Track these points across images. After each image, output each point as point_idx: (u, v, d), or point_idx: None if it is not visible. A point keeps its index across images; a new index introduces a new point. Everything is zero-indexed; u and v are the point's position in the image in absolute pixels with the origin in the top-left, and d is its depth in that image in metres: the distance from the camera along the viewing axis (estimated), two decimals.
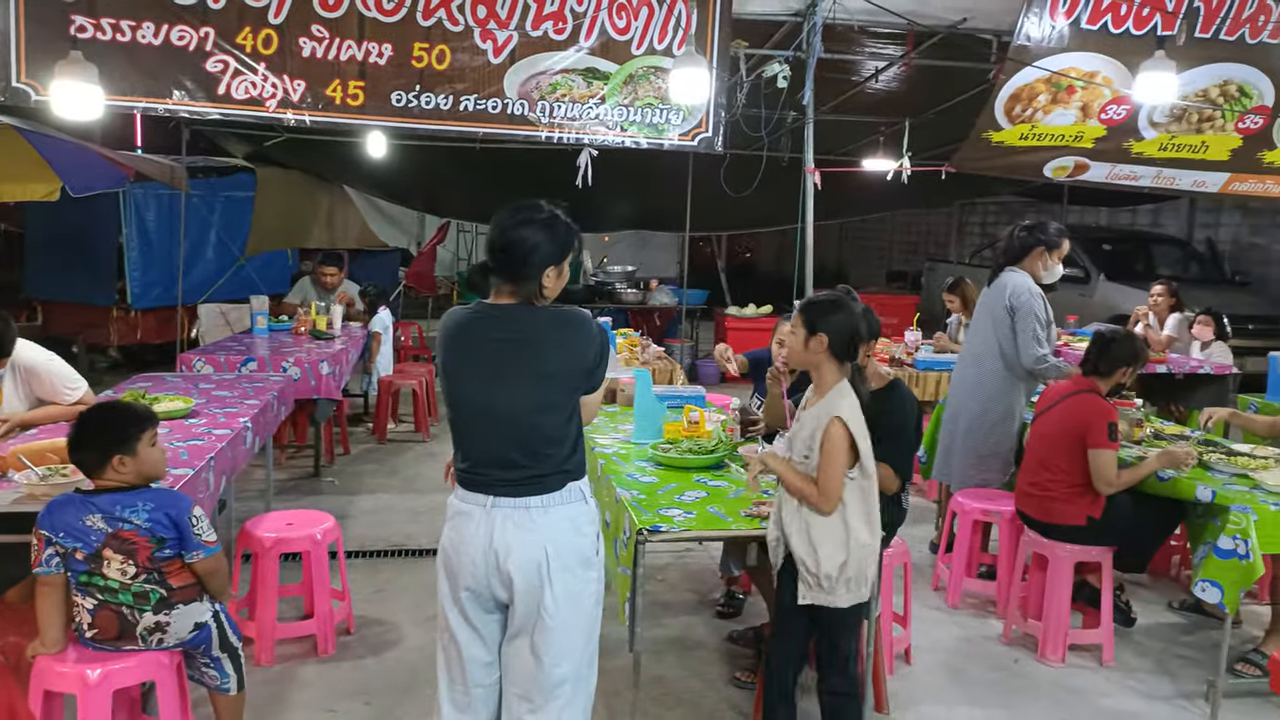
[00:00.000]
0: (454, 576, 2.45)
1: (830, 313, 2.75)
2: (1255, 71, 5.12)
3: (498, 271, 2.41)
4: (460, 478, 2.46)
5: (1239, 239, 11.96)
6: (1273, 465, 3.81)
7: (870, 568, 2.74)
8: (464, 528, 2.41)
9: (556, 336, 2.39)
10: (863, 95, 7.11)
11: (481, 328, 2.41)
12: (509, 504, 2.37)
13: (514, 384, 2.36)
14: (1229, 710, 3.50)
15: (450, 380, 2.44)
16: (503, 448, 2.37)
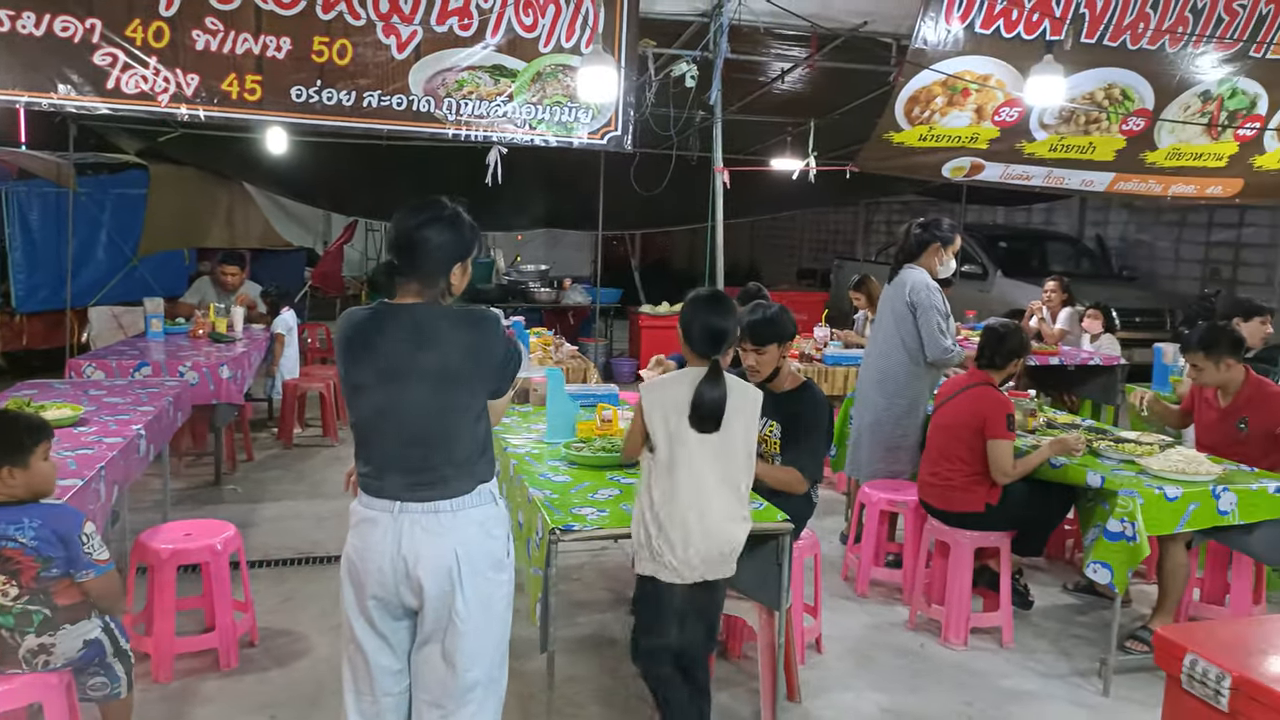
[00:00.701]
0: (359, 585, 2.39)
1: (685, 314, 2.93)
2: (1137, 76, 5.39)
3: (404, 271, 2.36)
4: (364, 484, 2.41)
5: (1126, 236, 12.56)
6: (1157, 451, 4.01)
7: (651, 540, 2.79)
8: (370, 535, 2.36)
9: (463, 336, 2.35)
10: (769, 96, 7.22)
11: (385, 328, 2.34)
12: (417, 509, 2.33)
13: (420, 385, 2.31)
14: (1120, 685, 3.68)
15: (353, 383, 2.37)
16: (410, 451, 2.33)
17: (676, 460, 2.78)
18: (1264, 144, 5.89)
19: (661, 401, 2.81)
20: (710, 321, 2.85)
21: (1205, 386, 4.31)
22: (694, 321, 2.86)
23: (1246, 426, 4.15)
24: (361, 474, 2.41)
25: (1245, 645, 2.17)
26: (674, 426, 2.78)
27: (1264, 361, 6.79)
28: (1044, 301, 7.92)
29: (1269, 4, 5.16)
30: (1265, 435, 4.10)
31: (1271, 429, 4.08)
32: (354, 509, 2.44)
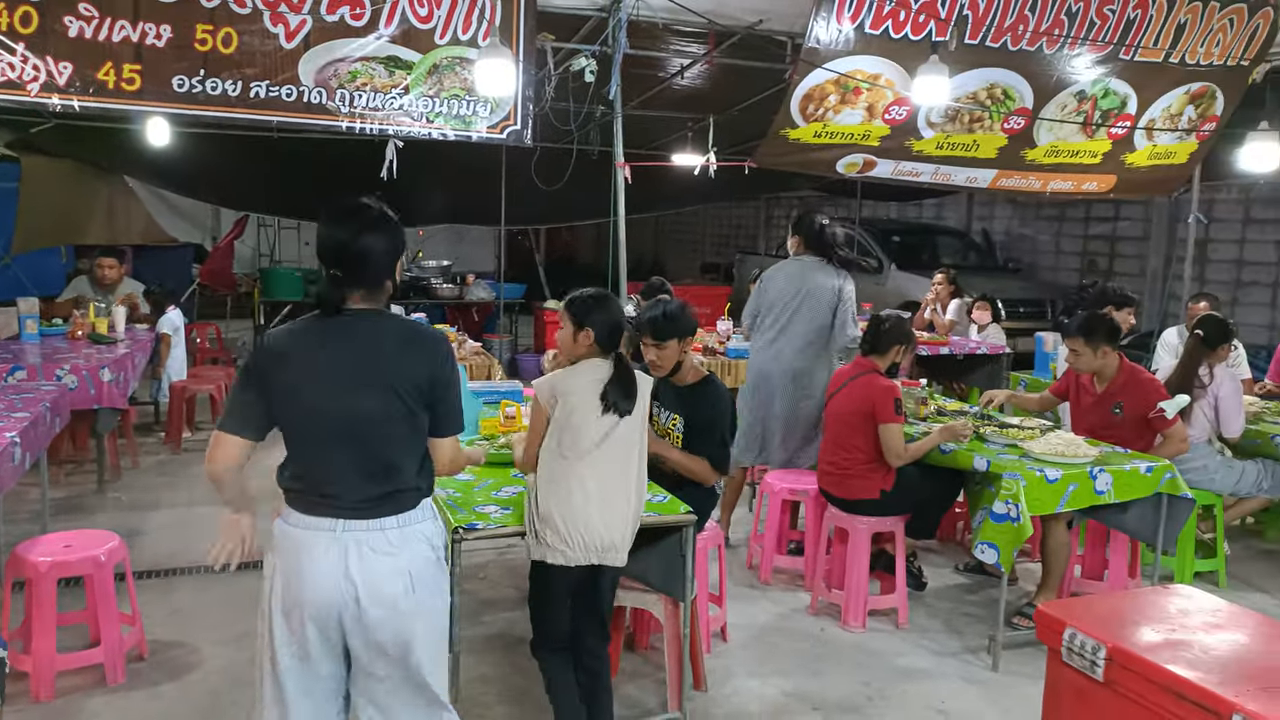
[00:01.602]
0: (293, 612, 2.22)
1: (594, 309, 2.89)
2: (1017, 76, 5.63)
3: (350, 282, 2.23)
4: (298, 501, 2.25)
5: (1010, 230, 13.12)
6: (1038, 435, 4.21)
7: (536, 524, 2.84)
8: (307, 556, 2.20)
9: (411, 347, 2.27)
10: (669, 91, 7.27)
11: (331, 336, 2.23)
12: (361, 527, 2.20)
13: (370, 392, 2.20)
14: (1009, 660, 3.85)
15: (292, 395, 2.22)
16: (356, 463, 2.21)
17: (575, 447, 2.80)
18: (1134, 142, 6.24)
19: (562, 390, 2.83)
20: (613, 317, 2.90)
21: (1082, 372, 4.54)
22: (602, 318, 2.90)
23: (1121, 411, 4.39)
24: (293, 489, 2.26)
25: (1119, 618, 2.30)
26: (571, 415, 2.80)
27: (1138, 349, 7.22)
28: (934, 295, 8.22)
29: (1136, 9, 5.46)
30: (1138, 419, 4.35)
31: (1144, 413, 4.33)
32: (281, 529, 2.27)
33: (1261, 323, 9.65)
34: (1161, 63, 5.71)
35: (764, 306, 4.96)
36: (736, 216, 18.56)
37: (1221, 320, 4.91)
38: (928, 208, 14.17)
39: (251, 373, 2.26)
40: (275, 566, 2.27)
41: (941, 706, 3.54)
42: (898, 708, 3.53)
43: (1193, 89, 5.99)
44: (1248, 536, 5.47)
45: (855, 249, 11.63)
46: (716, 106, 7.40)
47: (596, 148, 7.47)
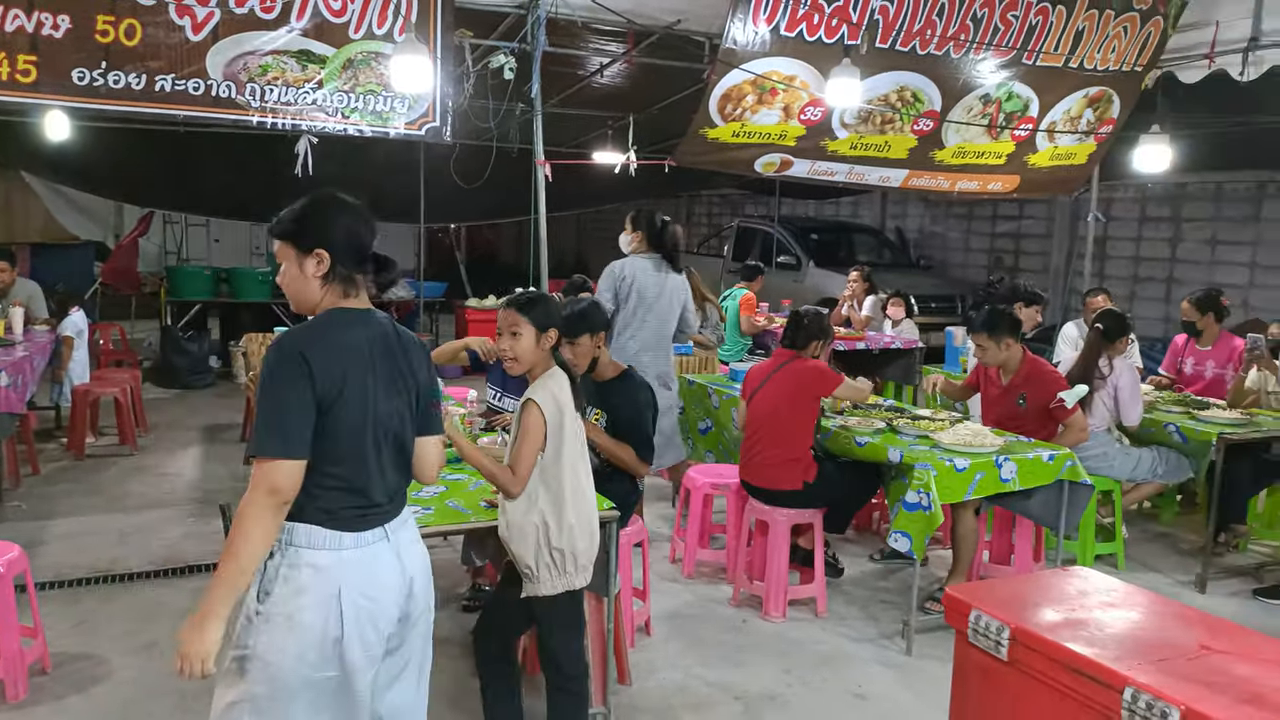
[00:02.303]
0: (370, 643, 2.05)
1: (547, 306, 2.89)
2: (925, 79, 5.80)
3: (360, 274, 2.18)
4: (343, 519, 2.04)
5: (923, 228, 13.52)
6: (948, 426, 4.36)
7: (578, 552, 2.76)
8: (373, 582, 2.06)
9: (415, 347, 2.24)
10: (590, 90, 7.28)
11: (366, 336, 2.11)
12: (399, 523, 2.16)
13: (404, 393, 2.16)
14: (921, 644, 3.99)
15: (353, 400, 2.03)
16: (396, 466, 2.16)
17: (565, 458, 2.77)
18: (1036, 144, 6.50)
19: (562, 399, 2.79)
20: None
21: (988, 365, 4.71)
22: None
23: (1025, 402, 4.58)
24: (336, 508, 2.03)
25: (1021, 600, 2.41)
26: (564, 422, 2.77)
27: (1041, 342, 7.53)
28: (850, 291, 8.42)
29: (1037, 15, 5.68)
30: (1041, 409, 4.54)
31: (1046, 404, 4.52)
32: (325, 559, 2.01)
33: (1156, 316, 10.15)
34: (1061, 68, 5.96)
35: (625, 299, 4.90)
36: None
37: (1120, 314, 5.15)
38: (844, 206, 14.50)
39: (303, 379, 1.97)
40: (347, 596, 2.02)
41: (858, 690, 3.65)
42: (817, 693, 3.62)
43: (1091, 93, 6.26)
44: (1144, 520, 5.76)
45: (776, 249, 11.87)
46: (636, 105, 7.44)
47: (517, 145, 7.44)
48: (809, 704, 3.54)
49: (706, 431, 5.43)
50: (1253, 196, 9.51)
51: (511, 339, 2.82)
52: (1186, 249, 10.12)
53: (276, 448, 1.93)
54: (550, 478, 2.75)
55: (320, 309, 2.13)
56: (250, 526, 1.92)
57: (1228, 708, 1.82)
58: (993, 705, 2.29)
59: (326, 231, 2.14)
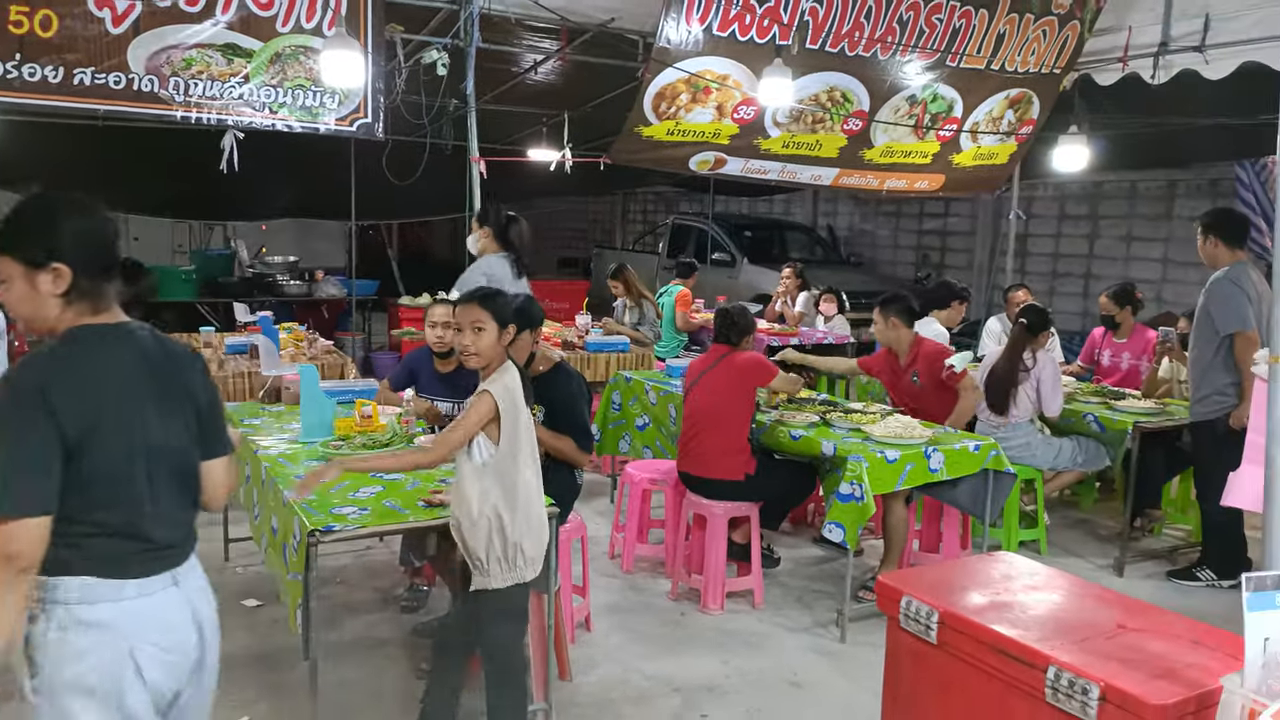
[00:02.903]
0: (151, 708, 1.86)
1: (507, 302, 2.93)
2: (854, 80, 5.93)
3: (108, 280, 1.89)
4: (118, 564, 1.81)
5: (853, 225, 13.78)
6: (879, 419, 4.47)
7: (526, 546, 2.78)
8: (163, 631, 1.86)
9: (186, 363, 2.00)
10: (524, 87, 7.25)
11: (129, 356, 1.87)
12: (188, 567, 1.95)
13: (176, 417, 1.93)
14: (855, 631, 4.09)
15: (108, 432, 1.79)
16: (179, 501, 1.94)
17: (520, 453, 2.77)
18: (960, 144, 6.69)
19: (516, 394, 2.78)
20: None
21: (882, 344, 5.06)
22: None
23: (919, 379, 4.88)
24: (104, 554, 1.79)
25: (949, 585, 2.49)
26: (519, 416, 2.78)
27: (966, 336, 7.74)
28: (783, 288, 8.55)
29: (961, 19, 5.84)
30: (934, 384, 4.84)
31: (938, 377, 4.82)
32: (101, 613, 1.77)
33: (1075, 310, 10.52)
34: (984, 70, 6.14)
35: None
36: (594, 211, 18.67)
37: (1042, 309, 5.33)
38: (777, 203, 14.69)
39: (42, 421, 1.70)
40: (131, 652, 1.80)
41: (794, 679, 3.72)
42: (754, 683, 3.68)
43: (1012, 94, 6.46)
44: (1065, 507, 5.98)
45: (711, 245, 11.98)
46: (571, 103, 7.43)
47: (450, 142, 7.38)
48: (746, 693, 3.60)
49: (644, 428, 5.46)
50: (1165, 195, 9.92)
51: (474, 334, 2.81)
52: (1103, 245, 10.51)
53: (7, 507, 1.67)
54: (505, 472, 2.75)
55: (61, 329, 1.83)
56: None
57: (1143, 682, 1.92)
58: (923, 687, 2.36)
59: (59, 240, 1.80)
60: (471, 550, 2.75)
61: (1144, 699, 1.86)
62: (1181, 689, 1.89)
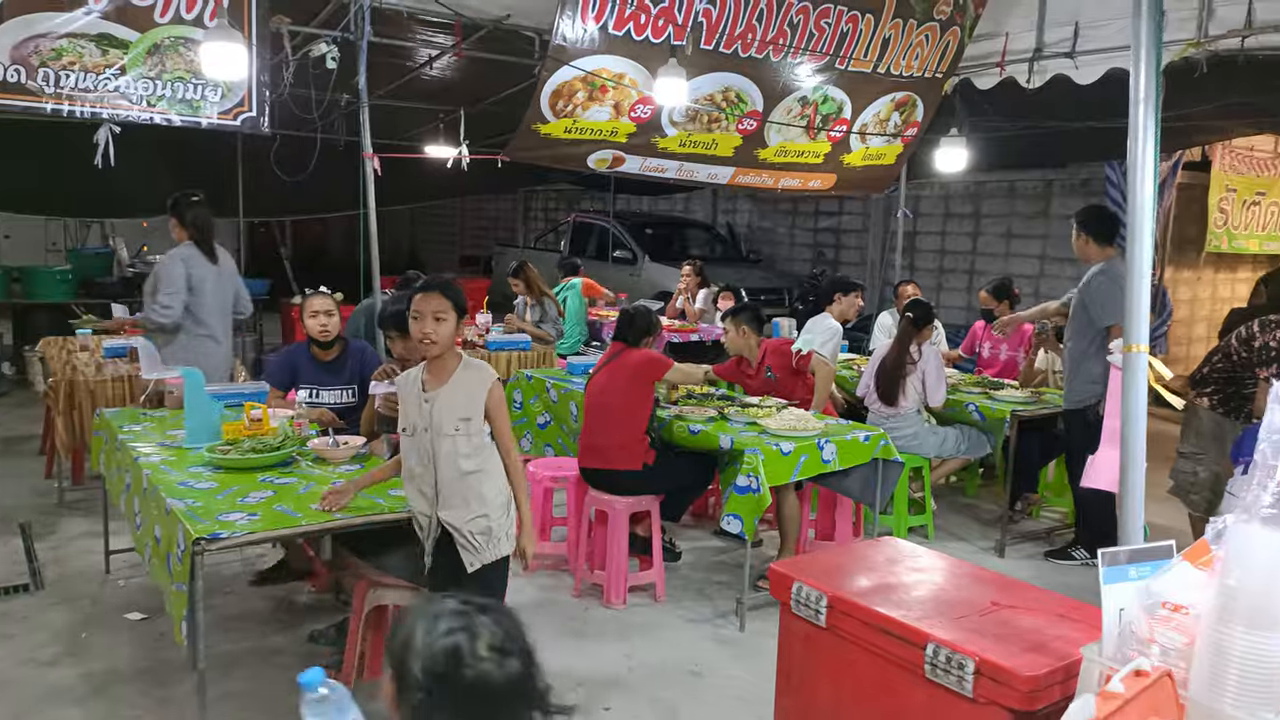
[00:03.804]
0: None
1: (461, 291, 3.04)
2: (748, 81, 6.04)
3: None
4: None
5: (752, 223, 14.03)
6: (774, 413, 4.58)
7: (509, 525, 3.00)
8: None
9: None
10: (420, 82, 7.13)
11: None
12: None
13: None
14: (754, 619, 4.18)
15: None
16: None
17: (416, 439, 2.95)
18: (850, 144, 6.88)
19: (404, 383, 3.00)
20: None
21: (731, 351, 5.32)
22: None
23: (772, 372, 5.19)
24: None
25: (838, 570, 2.58)
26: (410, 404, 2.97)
27: (860, 330, 7.99)
28: (683, 285, 8.66)
29: (848, 23, 6.01)
30: (787, 373, 5.15)
31: (789, 367, 5.14)
32: None
33: (960, 305, 10.96)
34: (871, 73, 6.34)
35: (196, 294, 4.97)
36: (495, 209, 18.50)
37: (926, 304, 5.55)
38: (678, 201, 14.84)
39: None
40: None
41: (695, 669, 3.79)
42: (656, 674, 3.73)
43: (897, 97, 6.69)
44: (952, 493, 6.24)
45: (613, 243, 12.01)
46: (468, 99, 7.35)
47: (343, 138, 7.21)
48: (648, 684, 3.65)
49: (546, 426, 5.46)
50: (1042, 194, 10.42)
51: (435, 323, 2.83)
52: (985, 242, 10.98)
53: None
54: (494, 450, 2.96)
55: None
56: None
57: (1014, 655, 2.03)
58: (814, 669, 2.45)
59: None
60: (473, 531, 2.88)
61: (1015, 671, 1.97)
62: (1049, 660, 2.01)
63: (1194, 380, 4.81)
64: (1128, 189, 2.13)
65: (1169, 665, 1.56)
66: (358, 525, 2.97)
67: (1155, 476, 5.36)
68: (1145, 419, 2.15)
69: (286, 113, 5.84)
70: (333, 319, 4.24)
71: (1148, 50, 2.09)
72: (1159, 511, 5.41)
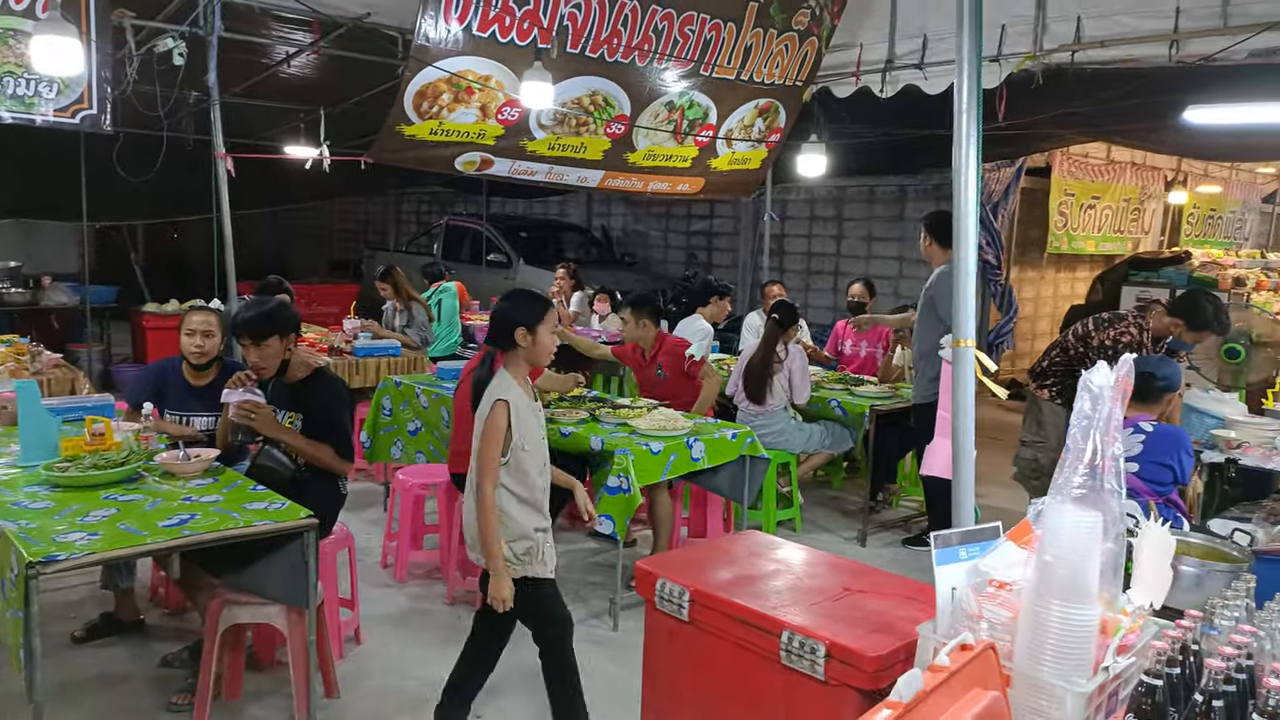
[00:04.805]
0: None
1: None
2: (615, 85, 6.09)
3: None
4: None
5: (626, 226, 14.14)
6: (645, 413, 4.64)
7: (533, 545, 3.06)
8: None
9: None
10: (277, 80, 6.89)
11: None
12: None
13: None
14: (627, 619, 4.22)
15: None
16: None
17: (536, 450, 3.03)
18: (717, 149, 7.04)
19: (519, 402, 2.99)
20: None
21: (627, 340, 5.46)
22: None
23: (662, 371, 5.33)
24: None
25: (700, 565, 2.64)
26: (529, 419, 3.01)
27: (730, 331, 8.17)
28: (557, 288, 8.65)
29: (711, 31, 6.15)
30: (676, 375, 5.29)
31: (680, 368, 5.28)
32: None
33: (827, 305, 11.35)
34: (734, 80, 6.50)
35: None
36: (366, 212, 18.02)
37: (790, 304, 5.73)
38: (552, 205, 14.81)
39: None
40: None
41: None
42: (531, 678, 3.71)
43: (760, 104, 6.88)
44: (818, 487, 6.46)
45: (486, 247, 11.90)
46: (330, 98, 7.15)
47: (192, 136, 6.90)
48: (522, 689, 3.64)
49: (416, 432, 5.36)
50: (898, 198, 10.91)
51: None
52: (848, 245, 11.41)
53: None
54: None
55: None
56: None
57: (862, 637, 2.13)
58: (678, 663, 2.50)
59: None
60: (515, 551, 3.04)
61: (862, 652, 2.07)
62: (893, 640, 2.12)
63: (1034, 373, 5.14)
64: (954, 191, 2.27)
65: (996, 638, 1.67)
66: (209, 541, 2.85)
67: (1001, 463, 5.76)
68: (974, 410, 2.29)
69: (131, 110, 5.55)
70: (211, 340, 3.83)
71: (969, 65, 2.23)
72: (1005, 496, 5.78)
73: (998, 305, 9.49)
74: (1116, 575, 1.70)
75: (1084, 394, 1.71)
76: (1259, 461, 3.93)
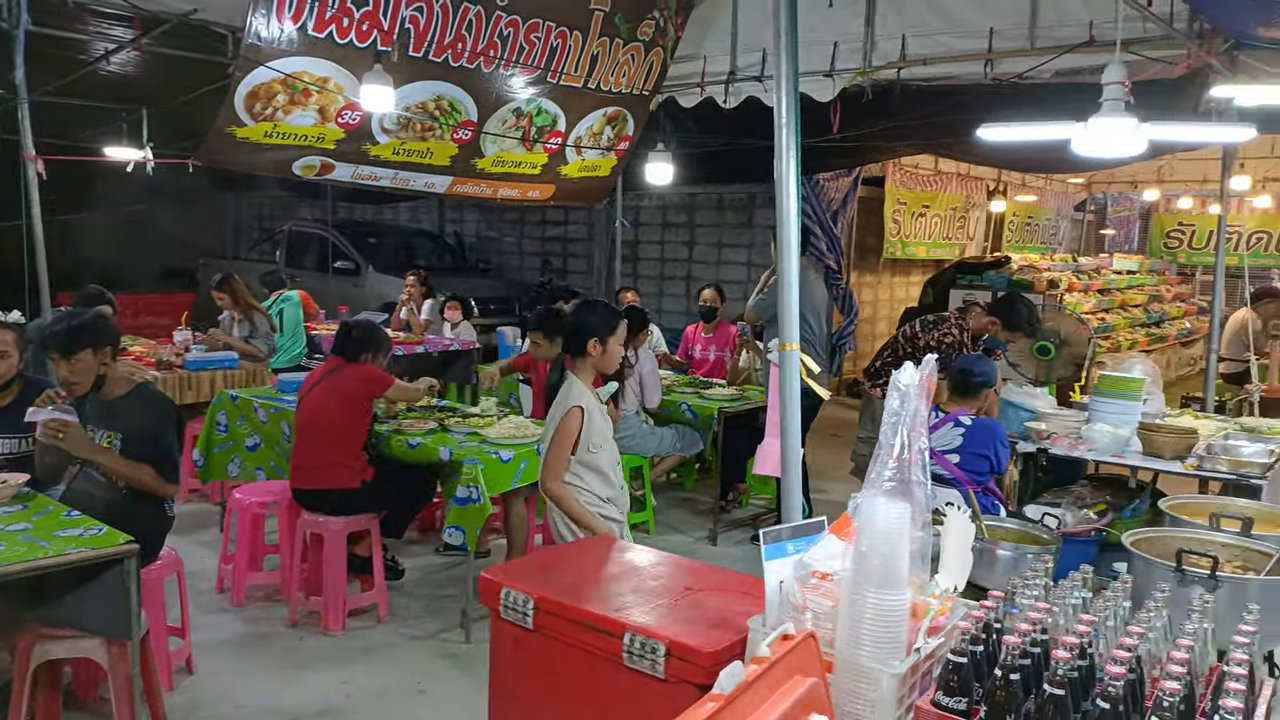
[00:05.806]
0: None
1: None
2: (461, 90, 6.00)
3: None
4: None
5: (480, 232, 13.98)
6: (496, 422, 4.60)
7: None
8: None
9: None
10: (98, 78, 6.44)
11: None
12: None
13: None
14: (479, 630, 4.17)
15: None
16: None
17: (609, 449, 3.19)
18: (566, 156, 7.05)
19: (591, 407, 3.14)
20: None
21: (541, 359, 5.17)
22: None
23: None
24: None
25: (545, 573, 2.64)
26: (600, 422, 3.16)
27: None
28: (407, 295, 8.47)
29: (557, 39, 6.16)
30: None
31: None
32: None
33: (680, 310, 11.56)
34: (582, 88, 6.53)
35: None
36: (204, 217, 17.08)
37: (640, 310, 5.82)
38: (404, 210, 14.47)
39: None
40: None
41: (419, 686, 3.73)
42: (377, 698, 3.63)
43: (608, 112, 6.95)
44: (671, 489, 6.57)
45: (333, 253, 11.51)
46: (155, 97, 6.76)
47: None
48: (368, 710, 3.54)
49: (255, 448, 5.13)
50: (746, 206, 11.24)
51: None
52: (700, 251, 11.67)
53: None
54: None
55: None
56: None
57: (699, 634, 2.18)
58: (524, 671, 2.49)
59: None
60: None
61: (699, 648, 2.12)
62: (729, 635, 2.18)
63: (869, 373, 5.41)
64: (776, 201, 2.36)
65: (819, 627, 1.75)
66: (15, 573, 2.64)
67: (840, 459, 6.02)
68: (799, 409, 2.39)
69: None
70: (6, 360, 3.51)
71: (787, 80, 2.33)
72: (844, 490, 6.03)
73: (840, 308, 9.92)
74: (925, 561, 1.81)
75: (893, 392, 1.82)
76: (1066, 450, 4.26)
